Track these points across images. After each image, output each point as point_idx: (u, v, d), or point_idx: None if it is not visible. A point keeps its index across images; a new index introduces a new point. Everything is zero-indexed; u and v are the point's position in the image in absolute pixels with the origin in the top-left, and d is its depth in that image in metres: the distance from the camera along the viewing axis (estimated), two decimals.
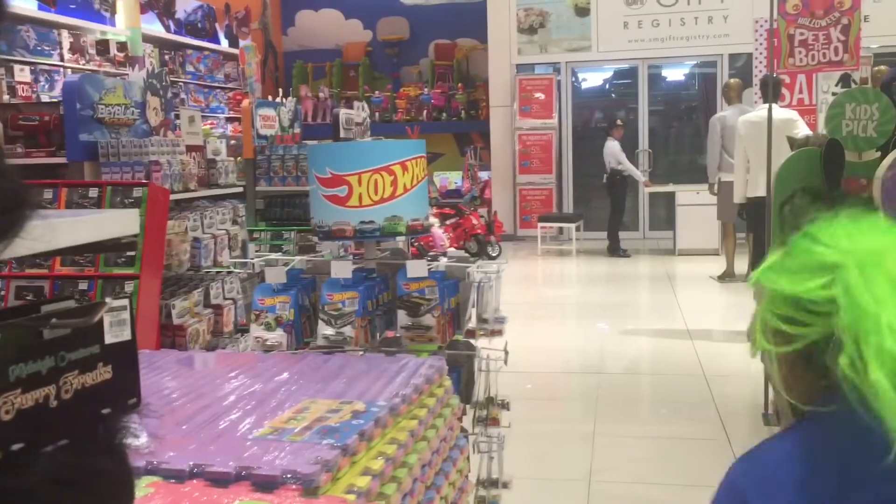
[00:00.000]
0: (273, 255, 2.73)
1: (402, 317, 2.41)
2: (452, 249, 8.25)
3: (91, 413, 0.71)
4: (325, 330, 2.35)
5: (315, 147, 2.54)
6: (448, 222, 10.41)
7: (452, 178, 13.73)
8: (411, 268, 2.37)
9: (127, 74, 7.12)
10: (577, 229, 11.40)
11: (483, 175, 12.65)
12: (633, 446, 4.46)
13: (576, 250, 11.16)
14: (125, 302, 0.75)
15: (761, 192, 5.61)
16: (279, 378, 1.58)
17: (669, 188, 11.13)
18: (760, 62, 8.32)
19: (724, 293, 8.49)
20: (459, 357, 2.58)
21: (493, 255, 10.99)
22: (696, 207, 10.32)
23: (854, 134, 4.38)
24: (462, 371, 2.58)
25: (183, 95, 11.30)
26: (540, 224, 11.42)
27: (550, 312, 7.97)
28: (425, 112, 14.13)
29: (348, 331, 2.34)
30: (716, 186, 8.74)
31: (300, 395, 1.49)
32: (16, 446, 0.62)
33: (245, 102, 5.11)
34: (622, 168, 10.84)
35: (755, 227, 6.39)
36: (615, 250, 10.93)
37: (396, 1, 14.94)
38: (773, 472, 1.05)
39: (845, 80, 6.07)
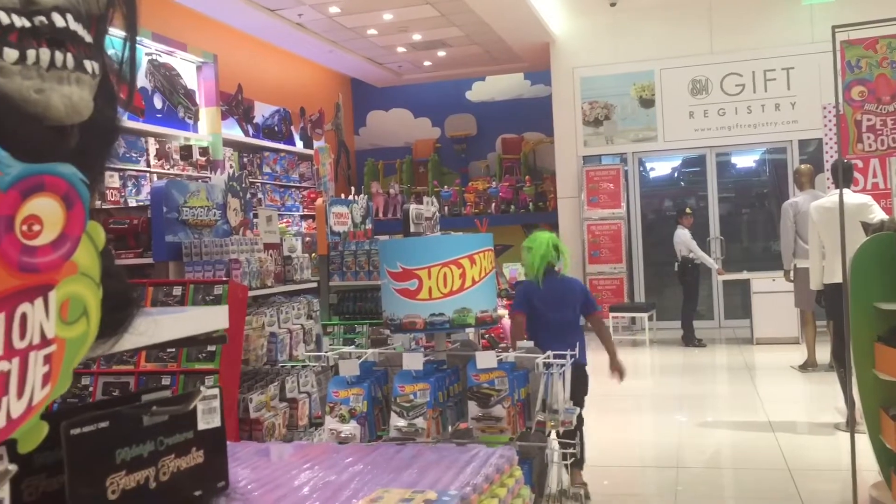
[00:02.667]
0: (346, 349, 2.81)
1: (473, 408, 2.43)
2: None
3: (185, 494, 0.76)
4: (397, 421, 2.39)
5: (386, 242, 2.64)
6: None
7: (521, 270, 13.80)
8: (481, 359, 2.41)
9: (209, 178, 7.48)
10: (650, 318, 11.25)
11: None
12: None
13: (649, 340, 10.98)
14: (216, 391, 0.82)
15: (838, 279, 5.50)
16: (353, 468, 1.62)
17: (744, 275, 10.95)
18: (831, 147, 8.27)
19: (806, 383, 8.21)
20: (531, 449, 2.57)
21: None
22: (772, 295, 10.11)
23: None
24: (534, 463, 2.57)
25: (260, 195, 11.77)
26: (612, 313, 11.31)
27: (625, 405, 7.81)
28: (493, 205, 14.34)
29: (420, 422, 2.37)
30: (791, 273, 8.57)
31: (374, 484, 1.52)
32: None
33: (319, 201, 5.31)
34: (694, 256, 10.74)
35: (834, 313, 6.23)
36: (690, 340, 10.72)
37: (464, 98, 15.42)
38: None
39: None
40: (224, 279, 3.62)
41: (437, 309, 2.50)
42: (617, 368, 5.04)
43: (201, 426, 0.77)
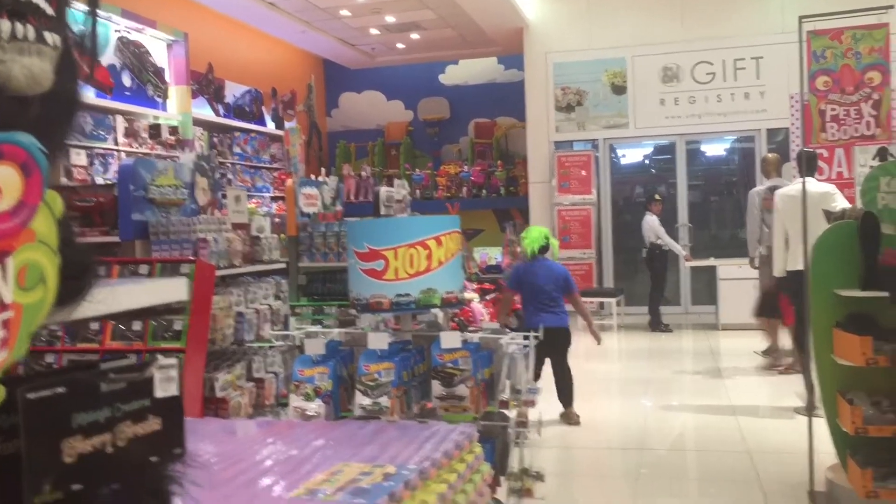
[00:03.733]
0: (312, 328, 2.82)
1: (437, 387, 2.46)
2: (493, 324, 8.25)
3: (141, 460, 0.78)
4: (362, 400, 2.41)
5: (354, 223, 2.66)
6: (488, 297, 10.45)
7: (492, 254, 13.85)
8: (445, 339, 2.43)
9: (178, 157, 7.41)
10: (618, 304, 11.36)
11: None
12: None
13: (617, 325, 11.10)
14: (174, 360, 0.83)
15: (800, 266, 5.60)
16: (315, 444, 1.65)
17: (710, 262, 11.09)
18: (797, 136, 8.37)
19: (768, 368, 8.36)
20: (493, 428, 2.61)
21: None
22: (738, 282, 10.25)
23: (890, 207, 4.38)
24: (496, 442, 2.61)
25: (230, 176, 11.68)
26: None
27: (592, 388, 7.90)
28: (465, 189, 14.36)
29: (384, 401, 2.40)
30: (756, 260, 8.69)
31: (335, 459, 1.54)
32: (75, 487, 0.70)
33: (288, 182, 5.30)
34: (661, 243, 10.85)
35: (796, 300, 6.34)
36: (657, 325, 10.85)
37: (437, 81, 15.39)
38: None
39: (882, 154, 6.07)
40: (191, 258, 3.61)
41: (403, 289, 2.53)
42: (594, 334, 6.59)
43: (158, 394, 0.78)
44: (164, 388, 0.81)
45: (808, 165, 6.58)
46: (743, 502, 4.60)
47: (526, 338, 2.65)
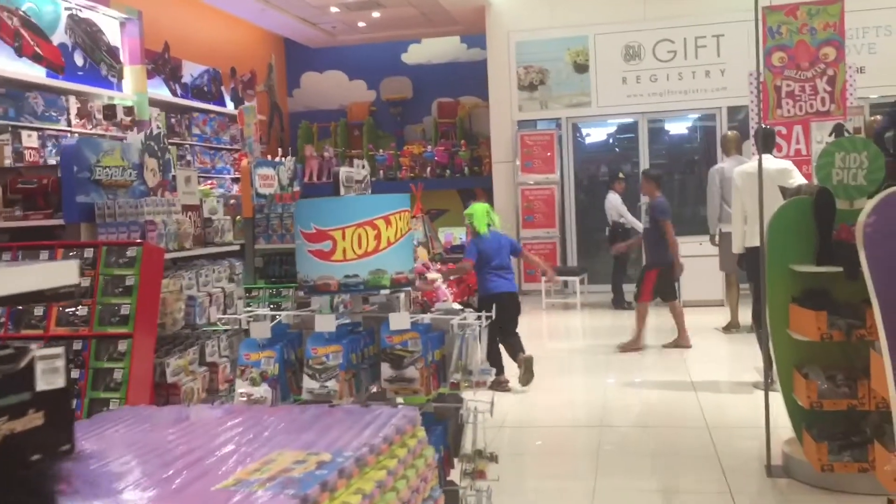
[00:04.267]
0: (260, 311, 2.76)
1: (386, 369, 2.41)
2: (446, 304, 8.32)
3: (21, 458, 0.72)
4: (309, 384, 2.36)
5: (300, 203, 2.59)
6: (452, 277, 10.41)
7: (457, 234, 13.81)
8: (394, 320, 2.38)
9: (125, 137, 7.25)
10: (582, 282, 11.39)
11: None
12: (636, 501, 4.40)
13: (580, 303, 11.14)
14: (59, 350, 0.77)
15: (758, 242, 5.63)
16: (253, 430, 1.59)
17: None
18: (756, 114, 8.40)
19: (729, 344, 8.45)
20: (446, 409, 2.57)
21: None
22: (699, 259, 10.31)
23: (845, 182, 4.41)
24: (449, 423, 2.58)
25: (189, 157, 11.49)
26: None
27: (554, 366, 7.92)
28: (429, 169, 14.28)
29: (332, 384, 2.35)
30: (717, 237, 8.76)
31: (272, 446, 1.49)
32: None
33: (244, 162, 5.20)
34: (624, 221, 10.89)
35: (755, 276, 6.39)
36: (619, 303, 10.91)
37: (400, 61, 15.24)
38: None
39: (838, 130, 6.10)
40: (138, 241, 3.52)
41: (351, 270, 2.47)
42: (547, 272, 8.09)
43: (41, 387, 0.72)
44: (48, 380, 0.75)
45: (766, 142, 6.62)
46: (701, 477, 4.63)
47: (478, 318, 2.61)
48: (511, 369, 6.88)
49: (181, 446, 1.48)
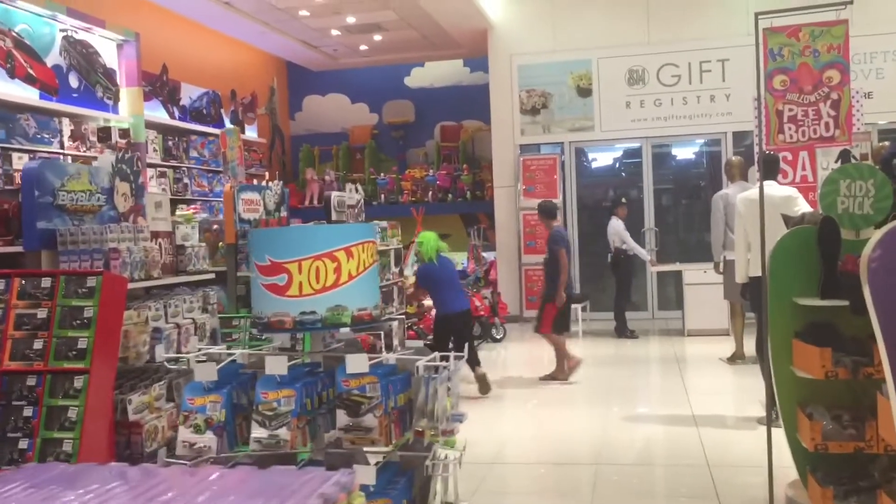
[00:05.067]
0: (215, 349, 2.55)
1: (342, 417, 2.21)
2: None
3: None
4: (258, 432, 2.15)
5: (254, 232, 2.39)
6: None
7: (458, 259, 13.62)
8: (351, 363, 2.18)
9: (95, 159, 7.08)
10: (584, 310, 11.15)
11: (489, 255, 12.52)
12: None
13: (582, 331, 10.90)
14: None
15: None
16: (156, 500, 1.38)
17: (676, 267, 10.93)
18: (761, 139, 8.20)
19: (733, 375, 8.19)
20: (413, 459, 2.36)
21: (498, 337, 10.75)
22: (704, 287, 10.09)
23: (850, 211, 4.19)
24: (415, 474, 2.36)
25: (186, 181, 11.34)
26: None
27: (552, 398, 7.68)
28: (431, 193, 14.12)
29: (283, 433, 2.14)
30: (721, 265, 8.53)
31: None
32: None
33: (227, 187, 5.01)
34: (626, 247, 10.67)
35: (758, 306, 6.15)
36: (622, 331, 10.67)
37: (402, 84, 15.14)
38: None
39: (845, 156, 5.90)
40: (98, 270, 3.32)
41: (308, 306, 2.27)
42: None
43: None
44: None
45: (770, 168, 6.42)
46: None
47: (444, 358, 2.40)
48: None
49: None
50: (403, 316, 6.98)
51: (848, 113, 4.29)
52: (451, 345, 7.29)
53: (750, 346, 8.27)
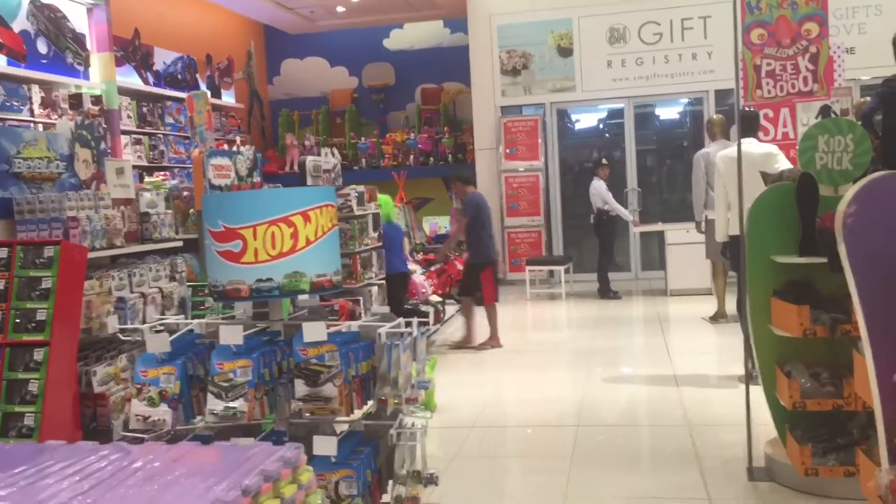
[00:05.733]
0: (172, 319, 2.47)
1: (300, 386, 2.13)
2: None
3: None
4: (213, 404, 2.08)
5: (207, 197, 2.30)
6: (432, 269, 10.14)
7: (441, 223, 13.53)
8: (308, 331, 2.10)
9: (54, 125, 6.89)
10: (567, 272, 11.12)
11: None
12: None
13: (565, 293, 10.87)
14: None
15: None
16: (88, 479, 1.31)
17: (658, 227, 10.89)
18: (737, 95, 8.11)
19: (715, 334, 8.18)
20: (377, 428, 2.30)
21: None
22: (686, 246, 10.07)
23: (829, 167, 4.12)
24: (380, 444, 2.30)
25: (163, 147, 11.16)
26: (528, 267, 11.16)
27: (535, 360, 7.66)
28: (412, 157, 13.98)
29: (240, 404, 2.07)
30: (703, 224, 8.49)
31: None
32: None
33: (195, 152, 4.89)
34: (609, 208, 10.60)
35: (738, 266, 6.11)
36: (605, 292, 10.64)
37: (382, 46, 14.90)
38: None
39: (825, 112, 5.80)
40: (56, 240, 3.22)
41: (264, 273, 2.19)
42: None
43: None
44: None
45: (749, 126, 6.34)
46: (680, 481, 4.36)
47: (408, 325, 2.32)
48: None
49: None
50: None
51: (827, 67, 4.20)
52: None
53: (732, 305, 8.26)
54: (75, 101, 9.29)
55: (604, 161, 10.90)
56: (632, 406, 5.99)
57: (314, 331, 2.10)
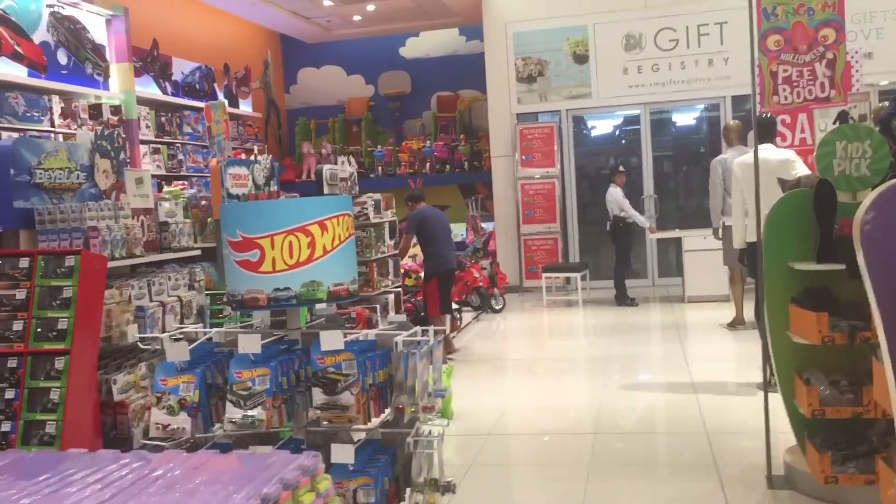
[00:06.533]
0: (190, 328, 2.49)
1: (318, 395, 2.15)
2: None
3: None
4: (231, 412, 2.10)
5: (225, 207, 2.32)
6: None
7: (458, 231, 13.54)
8: (325, 339, 2.12)
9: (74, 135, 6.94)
10: (584, 279, 11.10)
11: (488, 226, 12.45)
12: None
13: (582, 300, 10.85)
14: None
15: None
16: (110, 487, 1.33)
17: (675, 234, 10.85)
18: (754, 102, 8.08)
19: (733, 342, 8.14)
20: (395, 436, 2.31)
21: (497, 308, 10.70)
22: (703, 253, 10.02)
23: (847, 173, 4.10)
24: (398, 452, 2.31)
25: (181, 157, 11.25)
26: (545, 274, 11.15)
27: (552, 367, 7.65)
28: (428, 164, 14.02)
29: (258, 413, 2.09)
30: (720, 231, 8.45)
31: None
32: None
33: (213, 161, 4.93)
34: (625, 215, 10.58)
35: (756, 272, 6.08)
36: (622, 299, 10.61)
37: (398, 55, 14.96)
38: None
39: (843, 118, 5.80)
40: (76, 249, 3.26)
41: (281, 283, 2.21)
42: None
43: None
44: None
45: (766, 132, 6.32)
46: (698, 489, 4.35)
47: (424, 333, 2.34)
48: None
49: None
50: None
51: (844, 73, 4.18)
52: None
53: (750, 312, 8.21)
54: (95, 111, 9.39)
55: (620, 168, 10.88)
56: (649, 413, 5.96)
57: (331, 339, 2.11)
